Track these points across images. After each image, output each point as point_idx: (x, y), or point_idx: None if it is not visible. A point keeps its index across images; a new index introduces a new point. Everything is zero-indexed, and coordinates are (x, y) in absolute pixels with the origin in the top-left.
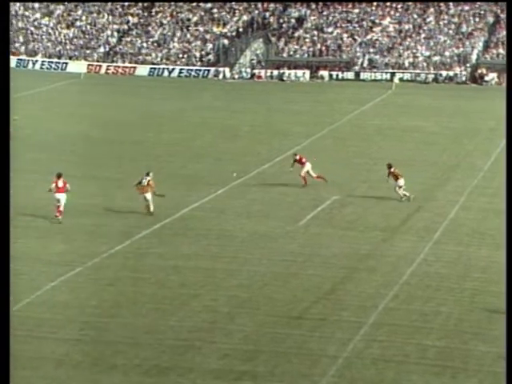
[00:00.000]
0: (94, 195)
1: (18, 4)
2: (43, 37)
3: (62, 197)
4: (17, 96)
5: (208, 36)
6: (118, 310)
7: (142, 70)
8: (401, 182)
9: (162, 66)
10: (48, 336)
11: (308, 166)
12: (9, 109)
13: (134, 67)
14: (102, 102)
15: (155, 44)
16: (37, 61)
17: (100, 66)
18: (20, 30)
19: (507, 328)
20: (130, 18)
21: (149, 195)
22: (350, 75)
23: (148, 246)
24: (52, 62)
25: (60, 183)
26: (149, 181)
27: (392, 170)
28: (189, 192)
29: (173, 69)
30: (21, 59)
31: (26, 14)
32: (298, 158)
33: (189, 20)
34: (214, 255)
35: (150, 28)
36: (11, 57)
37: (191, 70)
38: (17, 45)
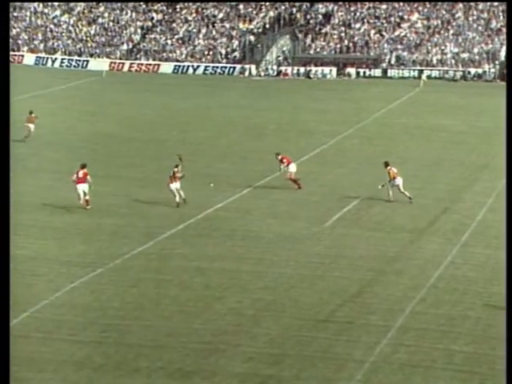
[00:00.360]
0: (116, 195)
1: (37, 1)
2: (63, 34)
3: (84, 187)
4: (36, 94)
5: (234, 33)
6: (141, 312)
7: (166, 68)
8: (397, 181)
9: (186, 64)
10: (67, 338)
11: (293, 168)
12: (9, 109)
13: (158, 64)
14: (124, 100)
15: (180, 41)
16: (56, 58)
17: (123, 63)
18: (39, 27)
19: (507, 328)
20: (154, 14)
21: (177, 185)
22: (377, 72)
23: (172, 246)
24: (72, 60)
25: (80, 174)
26: (175, 172)
27: (389, 168)
28: (213, 192)
29: (198, 66)
30: (40, 57)
31: (46, 11)
32: (280, 157)
33: (214, 16)
34: (238, 256)
35: (174, 25)
36: (30, 54)
37: (216, 67)
38: (36, 42)
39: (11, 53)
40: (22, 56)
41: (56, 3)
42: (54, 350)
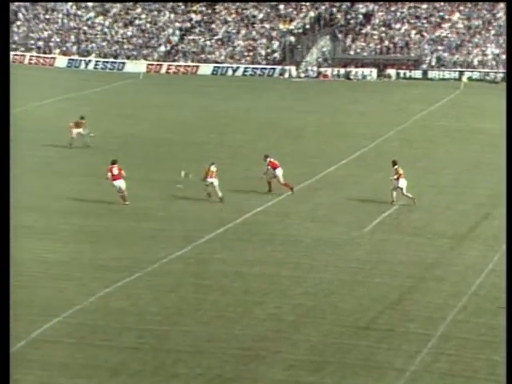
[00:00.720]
0: (153, 198)
1: (69, 3)
2: (97, 36)
3: (121, 183)
4: (68, 96)
5: (274, 33)
6: (180, 318)
7: (205, 69)
8: (401, 182)
9: (225, 65)
10: (102, 344)
11: (279, 172)
12: (9, 108)
13: (197, 66)
14: (162, 102)
15: (219, 42)
16: (90, 61)
17: (160, 65)
18: (71, 29)
19: (507, 328)
20: (192, 15)
21: (215, 181)
22: (417, 74)
23: (211, 251)
24: (107, 62)
25: (115, 170)
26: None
27: (396, 167)
28: (253, 195)
29: (237, 67)
30: (72, 59)
31: (79, 13)
32: (269, 160)
33: (254, 17)
34: (278, 261)
35: (213, 26)
36: (62, 57)
37: (256, 68)
38: (68, 45)
39: (42, 55)
40: (54, 59)
41: (90, 4)
42: (87, 356)
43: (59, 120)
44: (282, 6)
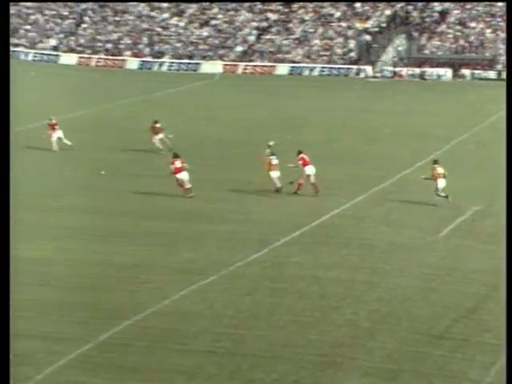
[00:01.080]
0: (228, 200)
1: (142, 4)
2: (172, 37)
3: (183, 175)
4: (141, 98)
5: (350, 32)
6: (255, 322)
7: (282, 69)
8: (440, 183)
9: (302, 65)
10: (175, 347)
11: (310, 170)
12: (9, 108)
13: (274, 66)
14: (238, 103)
15: (296, 41)
16: (163, 62)
17: (237, 65)
18: (144, 31)
19: (507, 328)
20: (270, 14)
21: (277, 173)
22: (492, 74)
23: (287, 254)
24: (182, 63)
25: (178, 163)
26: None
27: (434, 166)
28: (328, 198)
29: (314, 67)
30: (144, 61)
31: (152, 14)
32: (301, 157)
33: (331, 15)
34: (354, 266)
35: (291, 25)
36: (133, 59)
37: (333, 68)
38: (140, 46)
39: (110, 57)
40: (123, 60)
41: (164, 5)
42: (159, 360)
43: (133, 122)
44: (358, 4)
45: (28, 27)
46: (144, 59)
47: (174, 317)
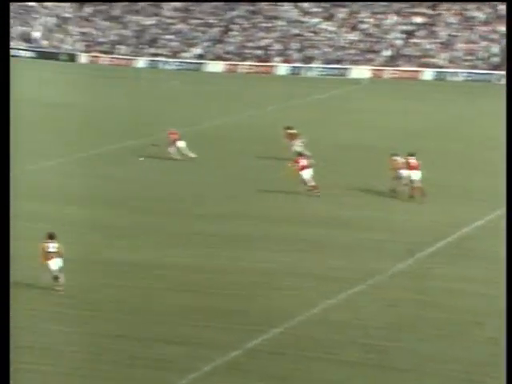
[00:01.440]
0: (375, 208)
1: (295, 10)
2: (322, 42)
3: (306, 173)
4: (291, 103)
5: (494, 36)
6: (401, 334)
7: (427, 74)
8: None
9: (447, 70)
10: (323, 357)
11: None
12: (8, 108)
13: (419, 71)
14: (385, 109)
15: (441, 45)
16: (312, 67)
17: (384, 70)
18: (294, 36)
19: (507, 328)
20: (416, 17)
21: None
22: None
23: (431, 265)
24: (331, 68)
25: (303, 161)
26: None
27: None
28: (471, 208)
29: (458, 72)
30: (294, 66)
31: (303, 19)
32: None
33: (473, 18)
34: (499, 281)
35: (436, 28)
36: (283, 64)
37: (476, 73)
38: (289, 52)
39: (258, 64)
40: (272, 66)
41: (315, 10)
42: (307, 369)
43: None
44: (501, 7)
45: (170, 37)
46: (293, 65)
47: (322, 326)
